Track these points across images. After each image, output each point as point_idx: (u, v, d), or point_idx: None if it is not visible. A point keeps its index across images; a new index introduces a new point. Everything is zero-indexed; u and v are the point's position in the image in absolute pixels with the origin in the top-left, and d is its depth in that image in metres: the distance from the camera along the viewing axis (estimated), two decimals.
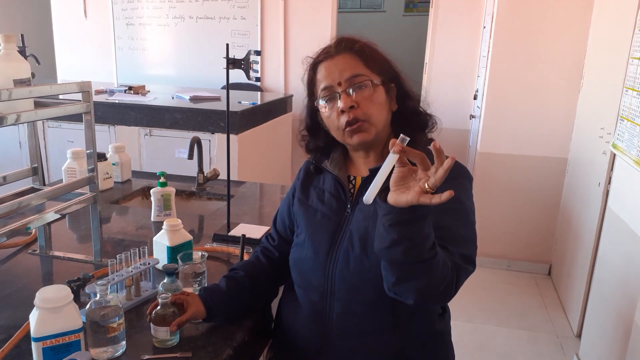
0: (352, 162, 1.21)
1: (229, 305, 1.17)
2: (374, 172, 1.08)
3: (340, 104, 1.07)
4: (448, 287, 0.95)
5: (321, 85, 1.11)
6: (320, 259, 1.13)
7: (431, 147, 0.84)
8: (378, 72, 1.11)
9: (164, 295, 1.08)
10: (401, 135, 0.85)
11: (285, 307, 1.25)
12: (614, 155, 2.37)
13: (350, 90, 1.08)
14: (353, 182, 1.18)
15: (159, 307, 1.07)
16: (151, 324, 1.07)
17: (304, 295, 1.17)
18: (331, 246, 1.12)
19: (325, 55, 1.12)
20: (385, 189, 0.88)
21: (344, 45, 1.11)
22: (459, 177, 1.09)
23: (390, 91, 1.13)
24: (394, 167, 0.87)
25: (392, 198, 0.87)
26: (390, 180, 0.88)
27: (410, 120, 1.15)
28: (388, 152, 0.87)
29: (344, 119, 1.08)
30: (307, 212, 1.19)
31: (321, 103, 1.12)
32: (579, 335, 2.69)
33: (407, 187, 0.86)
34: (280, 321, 1.26)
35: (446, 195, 0.80)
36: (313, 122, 1.21)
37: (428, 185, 0.82)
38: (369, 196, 0.87)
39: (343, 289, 1.10)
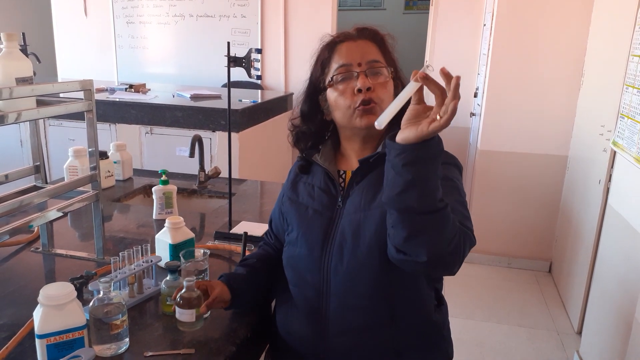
0: (343, 156, 1.21)
1: (250, 286, 1.19)
2: (363, 163, 1.10)
3: (358, 83, 1.09)
4: (457, 248, 0.93)
5: (338, 63, 1.12)
6: (314, 256, 1.12)
7: (440, 72, 0.83)
8: (389, 64, 1.14)
9: (188, 278, 1.09)
10: (426, 64, 0.87)
11: (280, 307, 1.24)
12: (614, 152, 2.37)
13: (367, 73, 1.10)
14: (343, 176, 1.18)
15: (184, 291, 1.08)
16: (176, 308, 1.08)
17: (299, 293, 1.16)
18: (325, 242, 1.11)
19: (346, 36, 1.14)
20: (392, 136, 0.90)
21: (367, 33, 1.14)
22: (448, 163, 1.11)
23: (396, 87, 1.15)
24: (403, 114, 0.88)
25: (402, 135, 0.87)
26: (404, 118, 0.89)
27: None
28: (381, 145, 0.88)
29: (359, 97, 1.09)
30: (298, 209, 1.18)
31: (334, 80, 1.12)
32: (580, 332, 2.69)
33: (419, 123, 0.86)
34: (276, 323, 1.25)
35: (452, 107, 0.80)
36: (312, 105, 1.20)
37: (440, 115, 0.83)
38: (382, 120, 0.88)
39: (338, 284, 1.10)
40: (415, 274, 1.11)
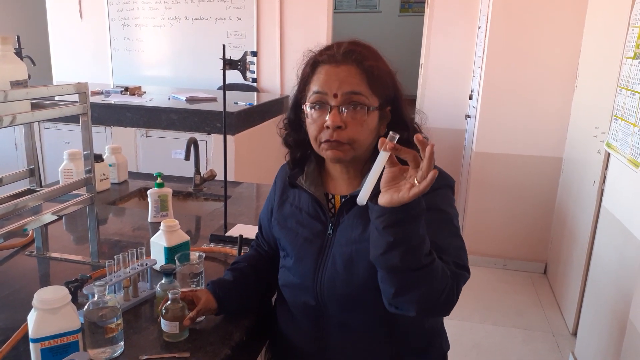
0: (330, 176, 1.15)
1: (238, 293, 1.19)
2: (354, 197, 1.01)
3: (328, 119, 1.00)
4: (449, 296, 0.93)
5: (314, 87, 1.03)
6: (307, 285, 1.11)
7: (414, 139, 0.82)
8: (378, 94, 1.03)
9: (174, 290, 1.09)
10: (390, 133, 0.85)
11: (281, 317, 1.24)
12: (608, 154, 2.39)
13: (343, 108, 1.00)
14: (332, 200, 1.13)
15: (169, 302, 1.08)
16: (161, 319, 1.09)
17: (296, 312, 1.17)
18: (316, 271, 1.10)
19: (329, 57, 1.03)
20: (375, 195, 0.87)
21: (354, 58, 1.02)
22: (439, 188, 1.04)
23: (383, 116, 1.06)
24: (384, 167, 0.86)
25: (383, 199, 0.86)
26: (381, 182, 0.87)
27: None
28: (369, 170, 0.86)
29: (325, 134, 1.02)
30: (287, 235, 1.16)
31: (308, 106, 1.05)
32: (575, 334, 2.70)
33: (398, 187, 0.85)
34: (278, 330, 1.25)
35: (431, 175, 0.79)
36: (296, 116, 1.13)
37: (417, 180, 0.82)
38: (363, 197, 0.87)
39: (335, 309, 1.10)
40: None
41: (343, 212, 1.09)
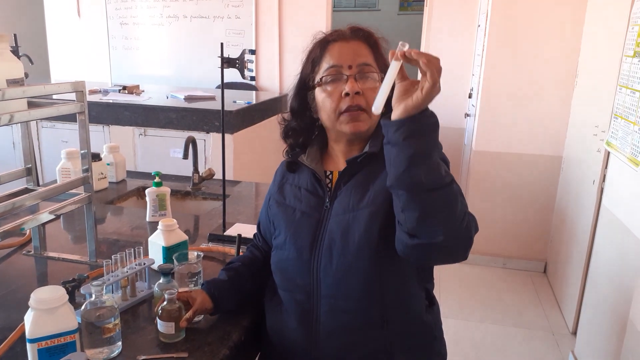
0: (330, 157, 1.20)
1: (233, 292, 1.19)
2: (350, 163, 1.10)
3: (346, 86, 1.07)
4: (469, 225, 0.93)
5: (328, 63, 1.10)
6: (303, 258, 1.11)
7: (406, 53, 0.86)
8: (380, 66, 1.12)
9: (170, 290, 1.09)
10: (400, 43, 0.87)
11: (269, 313, 1.23)
12: (608, 153, 2.38)
13: (357, 77, 1.08)
14: (330, 177, 1.17)
15: (165, 303, 1.08)
16: (157, 320, 1.08)
17: (288, 297, 1.15)
18: (313, 244, 1.10)
19: (338, 36, 1.12)
20: (385, 113, 0.90)
21: (361, 34, 1.12)
22: None
23: None
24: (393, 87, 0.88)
25: (398, 111, 0.88)
26: (394, 97, 0.89)
27: None
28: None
29: (345, 103, 1.08)
30: (285, 212, 1.17)
31: (323, 82, 1.10)
32: (575, 332, 2.70)
33: (411, 96, 0.87)
34: (266, 329, 1.24)
35: (435, 62, 0.83)
36: (301, 101, 1.18)
37: (428, 80, 0.85)
38: (378, 105, 0.88)
39: (328, 285, 1.09)
40: (428, 263, 1.13)
41: (340, 185, 1.12)
